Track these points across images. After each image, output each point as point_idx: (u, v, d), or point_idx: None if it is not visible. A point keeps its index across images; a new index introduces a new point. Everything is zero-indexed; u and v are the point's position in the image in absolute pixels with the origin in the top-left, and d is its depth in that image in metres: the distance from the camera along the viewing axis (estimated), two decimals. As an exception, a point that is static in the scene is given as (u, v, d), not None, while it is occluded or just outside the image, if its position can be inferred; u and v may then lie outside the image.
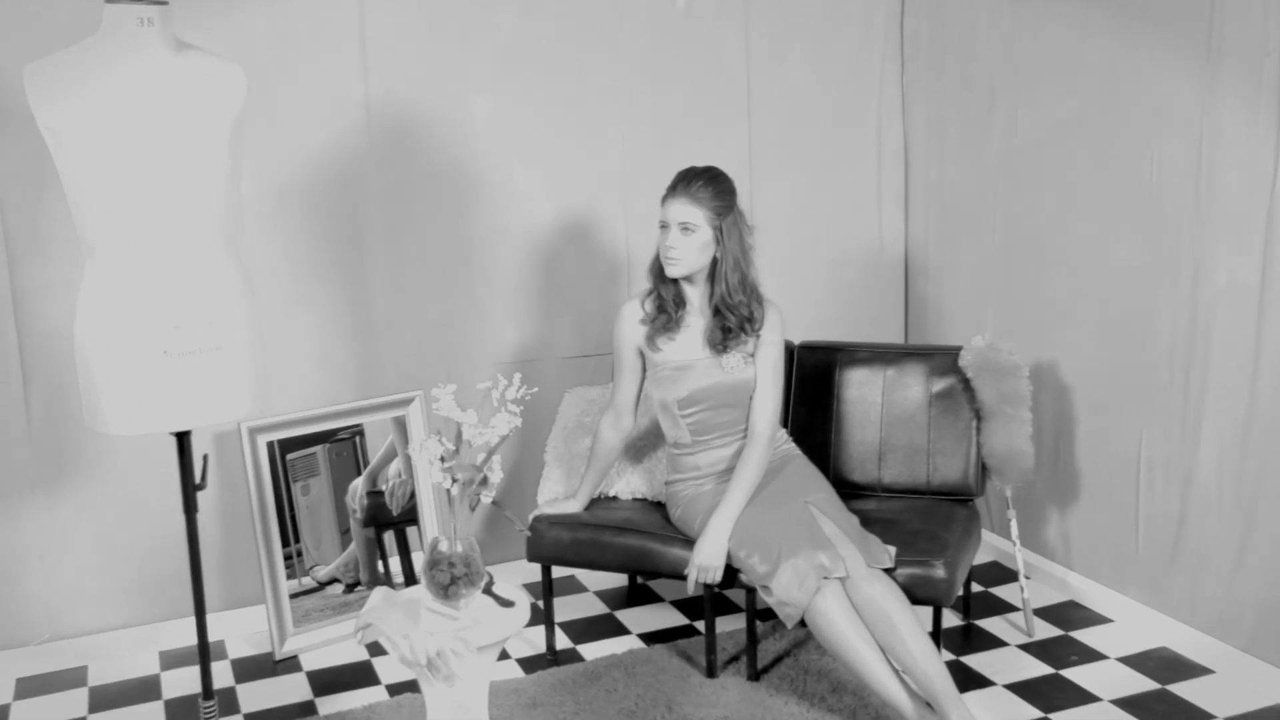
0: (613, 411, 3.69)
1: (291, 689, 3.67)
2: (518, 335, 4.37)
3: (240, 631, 4.04)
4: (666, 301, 3.50)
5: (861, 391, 3.96)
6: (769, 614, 3.93)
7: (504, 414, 2.94)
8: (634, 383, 3.63)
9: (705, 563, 3.44)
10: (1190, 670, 3.59)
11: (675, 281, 3.49)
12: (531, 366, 4.35)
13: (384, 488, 4.11)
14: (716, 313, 3.47)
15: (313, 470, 3.95)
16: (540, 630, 3.97)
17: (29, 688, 3.67)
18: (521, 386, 3.00)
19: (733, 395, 3.53)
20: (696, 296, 3.53)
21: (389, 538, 4.13)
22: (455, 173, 4.15)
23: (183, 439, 2.97)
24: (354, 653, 3.89)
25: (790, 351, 4.00)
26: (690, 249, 3.38)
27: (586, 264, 4.41)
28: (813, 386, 4.01)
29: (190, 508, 3.01)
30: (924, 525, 3.62)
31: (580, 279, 4.41)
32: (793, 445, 3.76)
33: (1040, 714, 3.39)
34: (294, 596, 3.93)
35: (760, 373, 3.53)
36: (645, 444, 3.98)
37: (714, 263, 3.45)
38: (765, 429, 3.51)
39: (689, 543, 3.58)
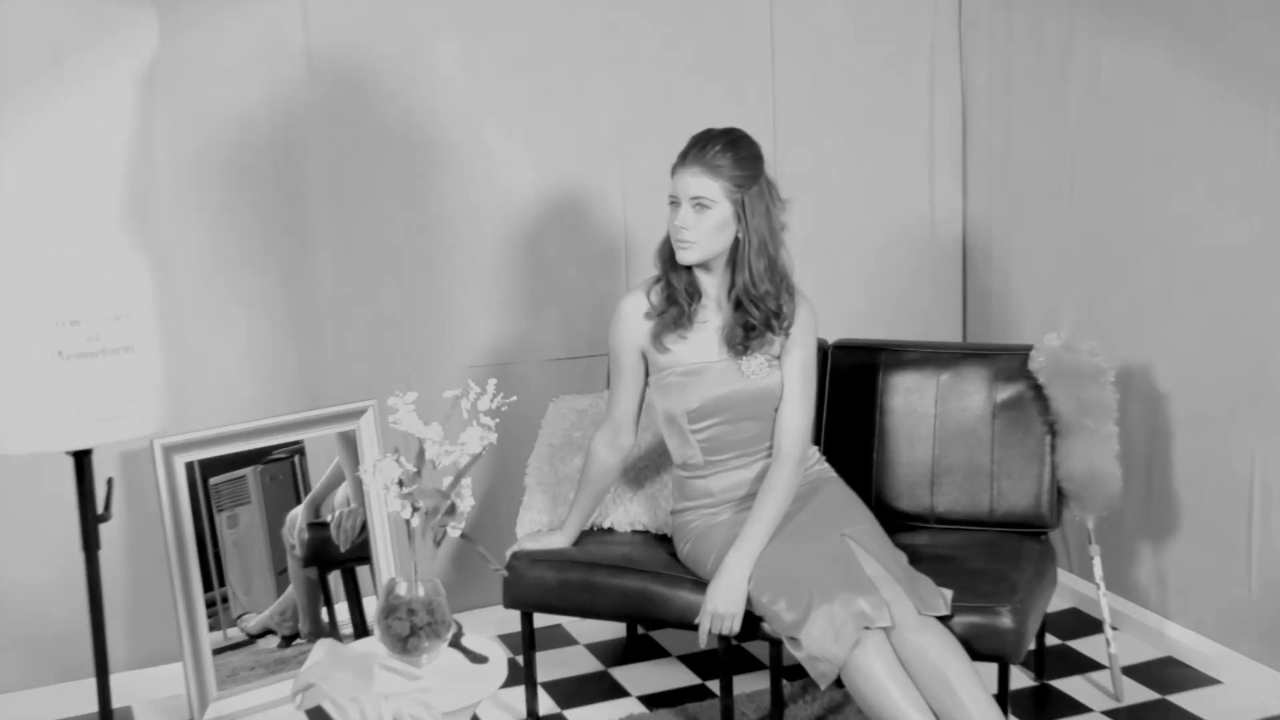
0: (609, 425, 3.72)
1: (215, 765, 3.49)
2: (493, 333, 4.42)
3: (152, 695, 4.06)
4: (678, 292, 3.54)
5: (910, 400, 3.99)
6: (798, 671, 3.90)
7: (475, 428, 2.98)
8: (635, 391, 3.67)
9: (721, 609, 3.46)
10: (1317, 743, 3.40)
11: (689, 269, 3.53)
12: (510, 370, 4.39)
13: (329, 519, 4.14)
14: (738, 306, 3.51)
15: (242, 497, 3.98)
16: (519, 692, 3.97)
17: (-108, 765, 3.53)
18: (497, 395, 3.03)
19: (754, 406, 3.56)
20: (714, 287, 3.58)
21: (335, 579, 4.15)
22: (416, 136, 4.18)
23: (82, 459, 2.97)
24: (292, 720, 3.69)
25: (823, 352, 4.02)
26: (705, 229, 3.43)
27: (577, 247, 4.45)
28: (850, 395, 4.05)
29: (91, 544, 3.01)
30: (987, 564, 3.64)
31: (569, 265, 4.46)
32: (826, 466, 3.79)
33: (1131, 796, 3.21)
34: (218, 652, 3.93)
35: (788, 379, 3.57)
36: (648, 465, 4.02)
37: (735, 245, 3.50)
38: (794, 447, 3.54)
39: (701, 585, 3.60)
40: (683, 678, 4.11)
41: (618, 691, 4.05)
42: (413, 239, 4.25)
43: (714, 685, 3.99)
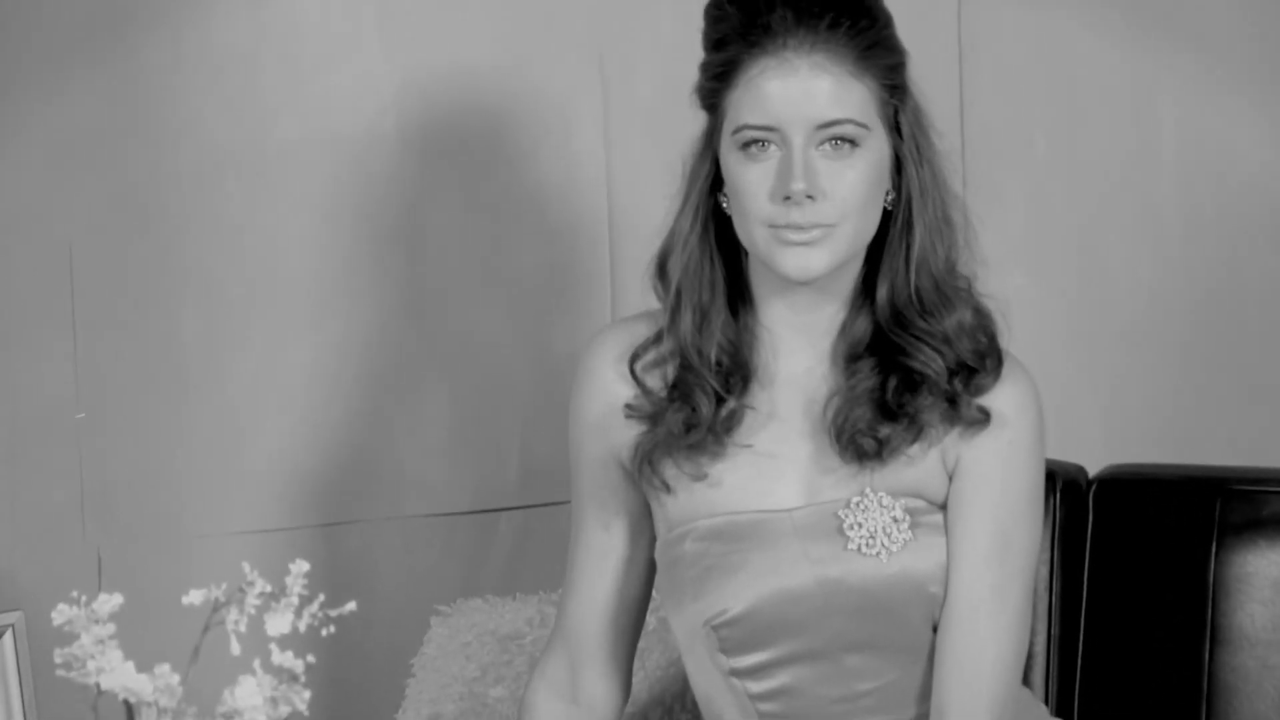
0: (560, 648, 2.92)
1: None
2: (303, 451, 3.80)
3: None
4: (697, 376, 2.60)
5: (1287, 610, 3.64)
6: None
7: (260, 679, 2.19)
8: (613, 562, 2.82)
9: None
10: None
11: (716, 312, 2.66)
12: (341, 540, 3.79)
13: None
14: (879, 344, 2.61)
15: None
16: None
17: None
18: (314, 600, 2.19)
19: (876, 619, 2.68)
20: (802, 345, 2.63)
21: None
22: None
23: None
24: None
25: (1070, 492, 3.26)
26: (857, 193, 2.57)
27: (502, 235, 3.89)
28: (1143, 595, 3.38)
29: None
30: None
31: (485, 280, 3.90)
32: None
33: None
34: None
35: (960, 553, 2.61)
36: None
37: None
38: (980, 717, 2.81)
39: None
40: None
41: None
42: (119, 209, 3.65)
43: None
